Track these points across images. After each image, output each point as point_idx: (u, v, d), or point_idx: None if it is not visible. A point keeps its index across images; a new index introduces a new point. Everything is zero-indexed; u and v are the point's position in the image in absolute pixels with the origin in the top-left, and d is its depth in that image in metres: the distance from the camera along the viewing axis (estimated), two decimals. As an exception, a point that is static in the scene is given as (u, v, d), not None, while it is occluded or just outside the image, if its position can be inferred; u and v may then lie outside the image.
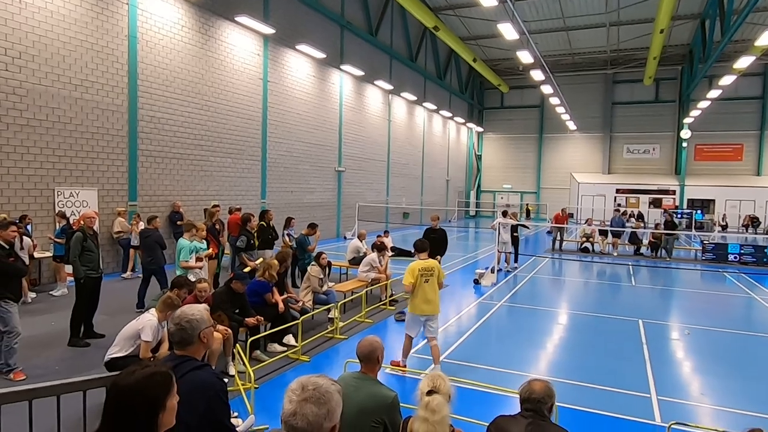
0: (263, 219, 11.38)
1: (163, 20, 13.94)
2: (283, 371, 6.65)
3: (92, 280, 7.55)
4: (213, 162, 15.98)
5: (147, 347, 5.36)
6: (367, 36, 24.94)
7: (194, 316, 2.74)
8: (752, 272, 16.54)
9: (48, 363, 6.56)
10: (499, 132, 44.65)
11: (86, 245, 7.41)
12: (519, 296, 12.15)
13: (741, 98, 36.04)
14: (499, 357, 7.68)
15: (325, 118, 22.13)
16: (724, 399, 6.26)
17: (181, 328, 2.70)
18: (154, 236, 9.19)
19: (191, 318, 2.72)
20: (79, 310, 7.41)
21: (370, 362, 3.54)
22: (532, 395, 3.02)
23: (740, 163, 36.88)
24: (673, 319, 10.62)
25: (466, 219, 41.19)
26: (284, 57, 19.19)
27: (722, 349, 8.46)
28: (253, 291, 7.39)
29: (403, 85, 29.36)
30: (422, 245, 6.86)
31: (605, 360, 7.58)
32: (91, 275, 7.49)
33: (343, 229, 23.78)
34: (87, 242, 7.42)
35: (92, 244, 7.53)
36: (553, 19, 31.18)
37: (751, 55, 22.18)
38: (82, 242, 7.38)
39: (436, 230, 11.17)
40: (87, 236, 7.47)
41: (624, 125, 40.12)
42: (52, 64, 11.30)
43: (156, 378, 1.86)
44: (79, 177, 12.06)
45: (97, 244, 7.72)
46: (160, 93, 14.01)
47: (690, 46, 34.23)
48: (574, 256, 19.61)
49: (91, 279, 7.52)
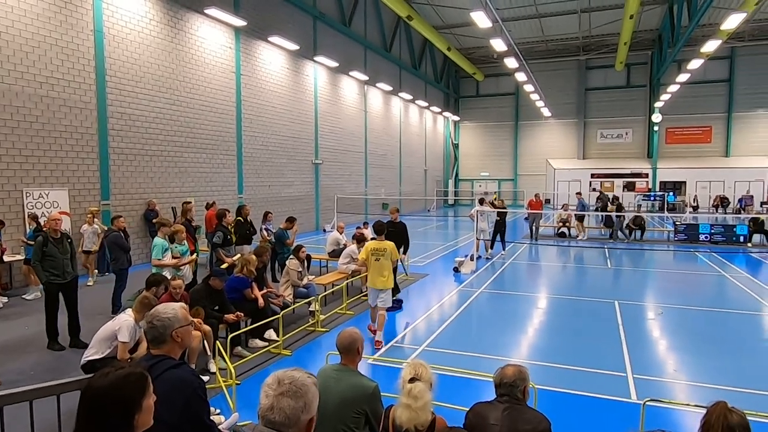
0: (240, 214, 11.25)
1: (129, 14, 13.60)
2: (264, 366, 6.63)
3: (55, 285, 7.18)
4: (187, 158, 15.73)
5: (124, 348, 5.28)
6: (341, 27, 24.74)
7: (166, 314, 2.71)
8: (722, 251, 17.02)
9: (23, 367, 6.42)
10: (475, 120, 44.87)
11: (47, 250, 7.06)
12: (498, 282, 12.30)
13: (709, 81, 36.83)
14: (479, 343, 7.78)
15: (300, 111, 21.94)
16: (697, 375, 6.46)
17: (153, 326, 2.68)
18: (111, 237, 8.96)
19: (162, 317, 2.69)
20: (48, 315, 7.14)
21: (350, 354, 3.55)
22: (504, 380, 3.08)
23: (709, 145, 37.77)
24: (648, 299, 10.89)
25: (445, 208, 41.42)
26: (257, 49, 18.93)
27: (695, 327, 8.71)
28: (232, 287, 7.33)
29: (379, 76, 29.24)
30: (380, 228, 7.95)
31: (583, 342, 7.74)
32: (53, 281, 7.14)
33: (322, 222, 23.71)
34: (48, 247, 7.07)
35: (55, 249, 7.13)
36: (525, 6, 31.36)
37: (717, 39, 22.65)
38: (42, 247, 7.05)
39: (395, 224, 10.55)
40: (49, 240, 7.12)
41: (597, 110, 40.71)
42: (14, 61, 10.94)
43: (130, 378, 1.83)
44: (48, 177, 11.75)
45: (66, 248, 7.29)
46: (130, 89, 13.70)
47: (659, 31, 34.82)
48: (552, 241, 19.90)
49: (54, 285, 7.17)
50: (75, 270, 7.43)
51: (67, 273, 7.25)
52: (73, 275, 7.36)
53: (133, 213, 13.79)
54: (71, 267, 7.34)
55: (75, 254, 7.55)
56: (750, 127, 36.49)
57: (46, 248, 7.05)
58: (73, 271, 7.38)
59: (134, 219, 13.82)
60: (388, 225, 10.31)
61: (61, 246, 7.20)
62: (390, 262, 7.65)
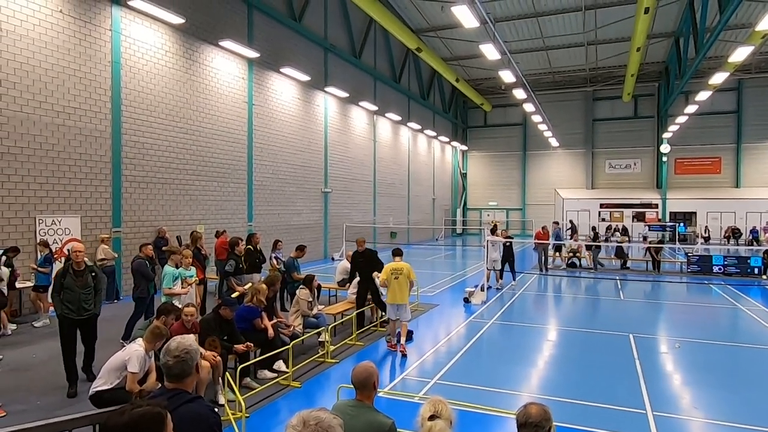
0: (250, 242, 11.24)
1: (146, 46, 13.94)
2: (274, 398, 6.51)
3: (69, 320, 6.63)
4: (198, 186, 15.86)
5: (134, 378, 5.20)
6: (351, 58, 25.20)
7: (191, 346, 2.67)
8: (737, 283, 16.75)
9: (29, 397, 6.34)
10: (483, 150, 45.10)
11: (65, 282, 6.60)
12: (509, 314, 12.12)
13: (717, 113, 36.93)
14: (492, 376, 7.61)
15: (310, 140, 22.17)
16: (716, 412, 6.25)
17: (182, 360, 2.62)
18: (137, 264, 8.96)
19: (189, 348, 2.65)
20: (64, 352, 6.63)
21: (366, 389, 3.46)
22: (529, 419, 2.97)
23: (719, 176, 37.62)
24: (663, 332, 10.67)
25: (453, 237, 41.29)
26: (269, 80, 19.27)
27: (712, 361, 8.49)
28: (242, 317, 7.26)
29: (388, 106, 29.61)
30: (397, 251, 9.39)
31: (599, 376, 7.56)
32: (67, 315, 6.60)
33: (331, 251, 23.66)
34: (66, 279, 6.61)
35: (72, 282, 6.62)
36: (532, 39, 31.86)
37: (724, 71, 22.81)
38: (61, 278, 6.64)
39: (362, 253, 10.47)
40: (68, 272, 6.67)
41: (605, 141, 40.82)
42: (34, 91, 11.19)
43: (146, 417, 1.79)
44: (62, 204, 11.86)
45: (87, 283, 6.73)
46: (144, 118, 13.93)
47: (666, 63, 35.14)
48: (562, 271, 19.69)
49: (68, 319, 6.62)
50: (96, 307, 6.88)
51: (83, 309, 6.69)
52: (91, 313, 6.81)
53: (144, 240, 13.78)
54: (91, 303, 6.79)
55: (100, 290, 7.02)
56: (760, 157, 36.37)
57: (64, 280, 6.64)
58: (93, 308, 6.82)
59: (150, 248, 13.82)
60: (357, 256, 10.36)
61: (80, 279, 6.69)
62: (407, 280, 8.75)
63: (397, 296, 8.70)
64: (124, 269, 13.42)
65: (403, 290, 8.70)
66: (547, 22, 29.34)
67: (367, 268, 10.09)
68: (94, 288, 6.85)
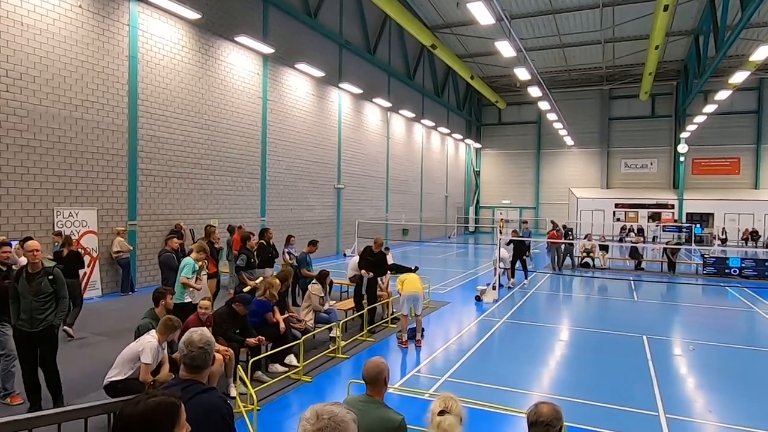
0: (263, 237, 11.32)
1: (163, 41, 14.06)
2: (285, 392, 6.56)
3: (22, 333, 5.55)
4: (213, 180, 15.98)
5: (147, 369, 5.27)
6: (366, 54, 25.18)
7: (210, 340, 2.73)
8: (754, 286, 16.48)
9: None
10: (497, 148, 44.85)
11: (18, 287, 5.52)
12: (521, 313, 12.06)
13: (736, 113, 36.31)
14: (502, 375, 7.58)
15: (324, 136, 22.22)
16: (730, 416, 6.17)
17: (204, 351, 2.69)
18: (164, 257, 9.11)
19: (209, 339, 2.72)
20: (21, 366, 5.70)
21: (376, 385, 3.47)
22: (540, 418, 2.96)
23: (738, 176, 37.00)
24: (677, 334, 10.55)
25: (466, 235, 41.16)
26: (283, 76, 19.33)
27: (727, 365, 8.37)
28: (254, 311, 7.31)
29: (402, 103, 29.56)
30: None
31: (611, 377, 7.50)
32: (20, 326, 5.54)
33: (343, 247, 23.72)
34: (20, 284, 5.51)
35: (26, 288, 5.48)
36: (549, 37, 31.55)
37: (745, 70, 22.41)
38: (14, 283, 5.57)
39: (376, 254, 10.39)
40: (21, 276, 5.56)
41: (621, 140, 40.34)
42: (53, 85, 11.35)
43: (160, 408, 1.80)
44: (79, 197, 12.03)
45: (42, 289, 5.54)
46: (161, 112, 14.07)
47: (685, 61, 34.60)
48: (575, 271, 19.54)
49: (20, 332, 5.56)
50: (54, 318, 5.68)
51: (35, 320, 5.52)
52: (46, 324, 5.58)
53: (158, 234, 13.98)
54: (47, 313, 5.59)
55: (63, 297, 5.77)
56: (781, 159, 35.71)
57: (17, 284, 5.55)
58: (47, 319, 5.59)
59: (159, 239, 14.00)
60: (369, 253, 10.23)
61: (33, 284, 5.51)
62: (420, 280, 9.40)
63: (416, 285, 9.07)
64: (139, 261, 13.61)
65: (419, 283, 9.19)
66: (563, 19, 29.03)
67: (372, 268, 10.10)
68: (54, 295, 5.67)
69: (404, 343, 8.89)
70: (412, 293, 8.91)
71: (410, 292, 8.90)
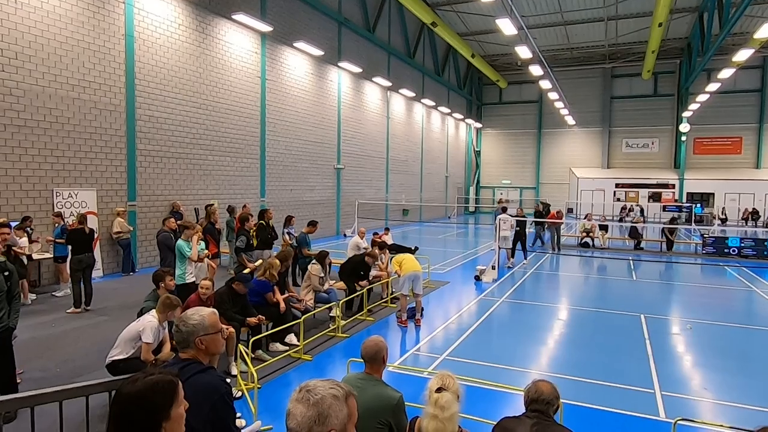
0: (262, 218, 11.31)
1: (160, 19, 13.86)
2: (285, 371, 6.63)
3: None
4: (212, 161, 15.92)
5: (148, 349, 5.33)
6: (365, 33, 24.85)
7: (193, 320, 2.71)
8: (753, 265, 16.54)
9: (48, 365, 6.52)
10: (497, 127, 44.58)
11: None
12: (520, 292, 12.13)
13: (740, 91, 35.98)
14: (501, 354, 7.66)
15: (323, 116, 22.06)
16: (726, 394, 6.24)
17: (179, 331, 2.71)
18: (162, 237, 9.14)
19: (189, 323, 2.70)
20: None
21: (375, 363, 3.51)
22: (540, 396, 3.00)
23: (739, 156, 36.84)
24: (675, 313, 10.62)
25: (466, 215, 41.17)
26: (282, 54, 19.11)
27: (724, 343, 8.45)
28: (254, 291, 7.36)
29: (402, 82, 29.28)
30: None
31: (608, 356, 7.57)
32: None
33: (343, 227, 23.75)
34: None
35: None
36: (551, 14, 31.09)
37: (749, 47, 22.11)
38: None
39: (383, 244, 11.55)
40: None
41: (623, 119, 40.06)
42: (48, 65, 11.23)
43: (158, 386, 1.81)
44: (78, 177, 12.00)
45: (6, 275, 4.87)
46: (158, 92, 13.94)
47: (688, 39, 34.16)
48: (574, 251, 19.60)
49: None
50: (10, 318, 4.95)
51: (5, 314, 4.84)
52: (2, 326, 4.84)
53: (158, 214, 13.98)
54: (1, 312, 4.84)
55: (17, 295, 5.08)
56: (782, 138, 35.51)
57: None
58: (5, 319, 4.88)
59: (159, 220, 14.00)
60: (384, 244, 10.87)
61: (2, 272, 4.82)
62: None
63: (416, 265, 9.18)
64: (139, 242, 13.64)
65: (416, 262, 9.27)
66: (566, -5, 28.59)
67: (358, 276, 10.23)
68: (8, 293, 4.92)
69: (404, 322, 8.97)
70: (413, 272, 8.96)
71: (410, 272, 8.95)
